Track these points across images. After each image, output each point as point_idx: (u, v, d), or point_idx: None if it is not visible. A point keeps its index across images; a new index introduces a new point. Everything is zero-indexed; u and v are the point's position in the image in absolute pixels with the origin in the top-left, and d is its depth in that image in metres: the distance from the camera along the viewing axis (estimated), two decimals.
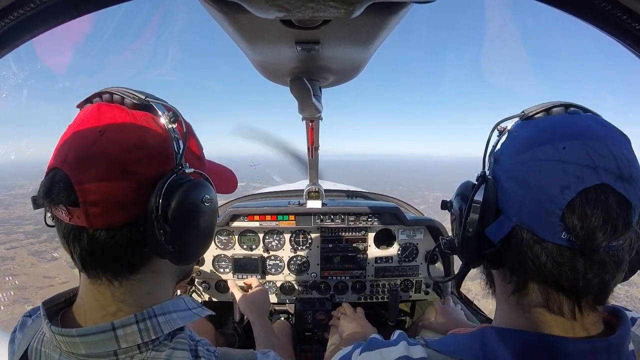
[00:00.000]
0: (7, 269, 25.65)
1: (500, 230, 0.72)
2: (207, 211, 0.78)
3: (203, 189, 0.76)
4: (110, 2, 0.61)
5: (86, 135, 0.69)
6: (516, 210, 0.69)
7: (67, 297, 0.81)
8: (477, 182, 0.79)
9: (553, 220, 0.64)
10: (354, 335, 1.81)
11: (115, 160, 0.67)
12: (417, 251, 2.53)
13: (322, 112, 1.40)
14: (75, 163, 0.66)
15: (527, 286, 0.72)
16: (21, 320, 0.85)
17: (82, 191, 0.65)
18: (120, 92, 0.74)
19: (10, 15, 0.53)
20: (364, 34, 0.77)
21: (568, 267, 0.65)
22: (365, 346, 0.82)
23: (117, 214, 0.68)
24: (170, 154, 0.74)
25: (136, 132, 0.71)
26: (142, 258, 0.74)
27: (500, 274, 0.79)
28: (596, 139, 0.65)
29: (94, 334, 0.69)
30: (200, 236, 0.79)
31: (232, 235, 2.47)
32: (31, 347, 0.76)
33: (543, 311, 0.71)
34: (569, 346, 0.66)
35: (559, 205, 0.63)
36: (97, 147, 0.67)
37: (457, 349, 0.74)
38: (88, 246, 0.68)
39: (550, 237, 0.65)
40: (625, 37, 0.61)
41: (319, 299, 2.52)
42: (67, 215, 0.67)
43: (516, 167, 0.71)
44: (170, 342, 0.73)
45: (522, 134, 0.75)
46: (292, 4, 0.55)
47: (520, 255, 0.69)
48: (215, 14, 0.69)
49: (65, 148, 0.69)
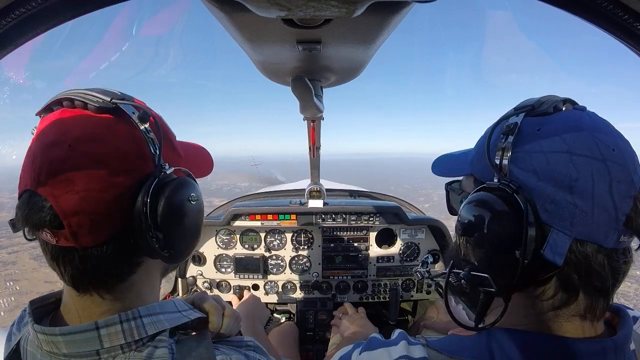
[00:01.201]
0: (8, 274, 25.50)
1: (559, 248, 0.63)
2: (194, 209, 0.77)
3: (187, 187, 0.75)
4: (111, 1, 0.61)
5: (54, 151, 0.64)
6: (574, 223, 0.63)
7: (58, 298, 0.79)
8: (497, 192, 0.68)
9: (617, 227, 0.62)
10: (355, 335, 1.80)
11: (92, 175, 0.64)
12: (419, 251, 2.53)
13: (323, 112, 1.40)
14: (50, 183, 0.63)
15: (577, 299, 0.67)
16: (20, 314, 0.83)
17: (64, 213, 0.62)
18: (81, 97, 0.69)
19: (12, 14, 0.53)
20: (365, 33, 0.76)
21: (621, 270, 0.66)
22: (365, 346, 0.82)
23: (105, 229, 0.66)
24: (147, 156, 0.71)
25: (107, 140, 0.67)
26: (134, 264, 0.73)
27: (534, 291, 0.70)
28: (625, 140, 0.67)
29: (77, 333, 0.67)
30: (191, 235, 0.79)
31: (233, 235, 2.47)
32: (21, 344, 0.76)
33: (565, 316, 0.68)
34: (581, 347, 0.66)
35: (624, 211, 0.62)
36: (69, 164, 0.64)
37: (459, 349, 0.73)
38: (81, 265, 0.67)
39: (614, 243, 0.63)
40: (627, 37, 0.61)
41: (320, 298, 2.52)
42: (52, 238, 0.65)
43: (565, 172, 0.63)
44: (152, 342, 0.72)
45: (552, 130, 0.68)
46: (293, 3, 0.54)
47: (581, 269, 0.64)
48: (217, 14, 0.68)
49: (35, 167, 0.65)
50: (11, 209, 0.69)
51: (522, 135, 0.70)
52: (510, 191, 0.66)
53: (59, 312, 0.76)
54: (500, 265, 0.68)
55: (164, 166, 0.73)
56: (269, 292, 2.55)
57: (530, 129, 0.70)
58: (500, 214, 0.66)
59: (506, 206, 0.66)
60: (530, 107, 0.72)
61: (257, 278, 2.49)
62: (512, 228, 0.64)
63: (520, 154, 0.69)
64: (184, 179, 0.76)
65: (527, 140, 0.69)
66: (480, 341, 0.73)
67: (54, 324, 0.73)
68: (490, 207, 0.68)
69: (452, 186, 0.93)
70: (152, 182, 0.68)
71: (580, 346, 0.66)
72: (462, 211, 0.74)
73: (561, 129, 0.67)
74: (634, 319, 0.77)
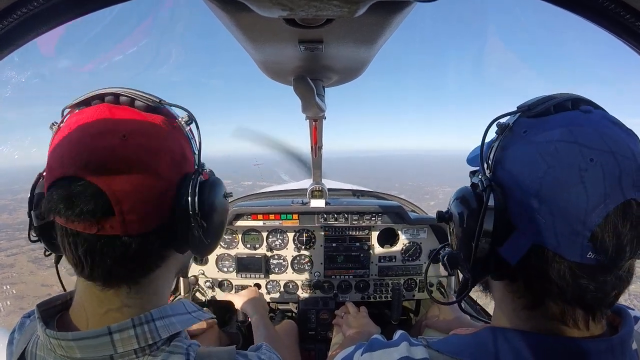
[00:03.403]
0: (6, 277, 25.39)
1: (517, 249, 0.66)
2: (226, 205, 0.87)
3: (222, 185, 0.83)
4: (114, 0, 0.61)
5: (107, 139, 0.65)
6: (535, 229, 0.64)
7: (64, 300, 0.79)
8: (478, 189, 0.72)
9: (580, 241, 0.60)
10: (357, 335, 1.80)
11: (146, 166, 0.66)
12: (421, 250, 2.53)
13: (325, 112, 1.39)
14: (101, 170, 0.63)
15: (543, 303, 0.68)
16: (20, 321, 0.83)
17: (117, 199, 0.63)
18: (128, 94, 0.72)
19: (14, 14, 0.53)
20: (367, 32, 0.76)
21: (591, 284, 0.62)
22: (367, 347, 0.82)
23: (152, 218, 0.68)
24: (189, 156, 0.76)
25: (159, 137, 0.71)
26: (163, 257, 0.75)
27: (507, 287, 0.75)
28: (621, 147, 0.61)
29: (90, 339, 0.67)
30: (222, 228, 0.86)
31: (235, 234, 2.48)
32: (28, 350, 0.75)
33: (555, 321, 0.68)
34: (584, 345, 0.66)
35: (589, 227, 0.59)
36: (123, 152, 0.65)
37: (460, 349, 0.73)
38: (121, 256, 0.67)
39: (577, 257, 0.61)
40: (628, 36, 0.61)
41: (322, 298, 2.52)
42: (95, 226, 0.64)
43: (532, 178, 0.64)
44: (167, 346, 0.72)
45: (533, 135, 0.68)
46: (295, 3, 0.54)
47: (539, 274, 0.65)
48: (219, 13, 0.68)
49: (81, 154, 0.64)
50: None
51: (512, 135, 0.72)
52: (482, 188, 0.70)
53: (66, 314, 0.76)
54: (464, 253, 0.74)
55: (203, 166, 0.78)
56: (271, 292, 2.55)
57: (519, 130, 0.71)
58: (470, 208, 0.72)
59: (476, 201, 0.71)
60: (526, 108, 0.72)
61: (259, 277, 2.49)
62: (473, 221, 0.69)
63: (505, 154, 0.71)
64: (218, 178, 0.83)
65: (513, 141, 0.71)
66: (480, 340, 0.73)
67: (61, 326, 0.73)
68: (464, 200, 0.74)
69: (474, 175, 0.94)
70: (197, 178, 0.73)
71: (584, 344, 0.66)
72: (450, 199, 0.82)
73: (543, 134, 0.67)
74: (635, 319, 0.76)
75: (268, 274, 2.52)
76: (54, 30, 0.60)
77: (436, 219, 0.85)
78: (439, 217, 0.84)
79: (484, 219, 0.67)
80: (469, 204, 0.72)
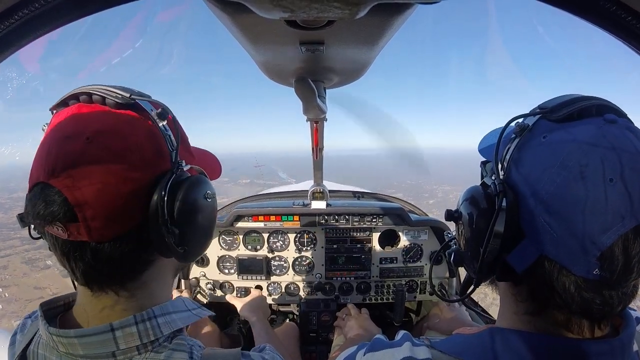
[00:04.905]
0: None
1: (525, 258, 0.65)
2: (209, 206, 0.78)
3: (203, 184, 0.76)
4: (116, 1, 0.61)
5: (71, 143, 0.64)
6: (545, 241, 0.63)
7: (66, 302, 0.79)
8: (489, 189, 0.70)
9: (589, 259, 0.59)
10: (358, 336, 1.80)
11: (110, 169, 0.63)
12: (422, 252, 2.52)
13: (326, 113, 1.39)
14: (65, 175, 0.62)
15: (547, 311, 0.68)
16: (22, 322, 0.83)
17: (79, 205, 0.61)
18: (100, 92, 0.69)
19: (15, 15, 0.53)
20: (368, 34, 0.76)
21: (597, 298, 0.62)
22: (369, 347, 0.82)
23: (120, 223, 0.65)
24: (164, 153, 0.71)
25: (127, 135, 0.67)
26: (146, 262, 0.73)
27: (511, 288, 0.75)
28: (637, 163, 0.59)
29: (92, 335, 0.67)
30: (205, 233, 0.80)
31: (236, 236, 2.48)
32: (30, 349, 0.75)
33: (559, 326, 0.69)
34: (585, 347, 0.66)
35: (599, 247, 0.58)
36: (87, 157, 0.63)
37: (463, 349, 0.73)
38: (92, 261, 0.66)
39: (584, 273, 0.60)
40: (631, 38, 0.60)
41: (323, 300, 2.52)
42: (64, 232, 0.63)
43: (547, 189, 0.62)
44: (169, 343, 0.72)
45: (554, 141, 0.65)
46: (296, 4, 0.54)
47: (544, 284, 0.65)
48: (220, 15, 0.68)
49: (49, 159, 0.64)
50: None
51: (531, 137, 0.69)
52: (495, 191, 0.68)
53: (68, 314, 0.76)
54: (471, 254, 0.74)
55: (181, 163, 0.73)
56: (272, 293, 2.55)
57: (539, 132, 0.68)
58: (480, 211, 0.70)
59: (487, 205, 0.69)
60: (548, 110, 0.69)
61: (260, 279, 2.49)
62: (484, 225, 0.68)
63: (521, 157, 0.69)
64: (200, 177, 0.76)
65: (531, 145, 0.68)
66: (483, 340, 0.73)
67: (63, 325, 0.73)
68: (475, 202, 0.73)
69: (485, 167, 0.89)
70: (169, 178, 0.68)
71: (586, 346, 0.66)
72: (460, 198, 0.80)
73: (565, 145, 0.64)
74: (637, 320, 0.76)
75: (269, 276, 2.52)
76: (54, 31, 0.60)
77: (445, 218, 0.84)
78: (448, 216, 0.83)
79: (495, 225, 0.66)
80: (480, 206, 0.71)
